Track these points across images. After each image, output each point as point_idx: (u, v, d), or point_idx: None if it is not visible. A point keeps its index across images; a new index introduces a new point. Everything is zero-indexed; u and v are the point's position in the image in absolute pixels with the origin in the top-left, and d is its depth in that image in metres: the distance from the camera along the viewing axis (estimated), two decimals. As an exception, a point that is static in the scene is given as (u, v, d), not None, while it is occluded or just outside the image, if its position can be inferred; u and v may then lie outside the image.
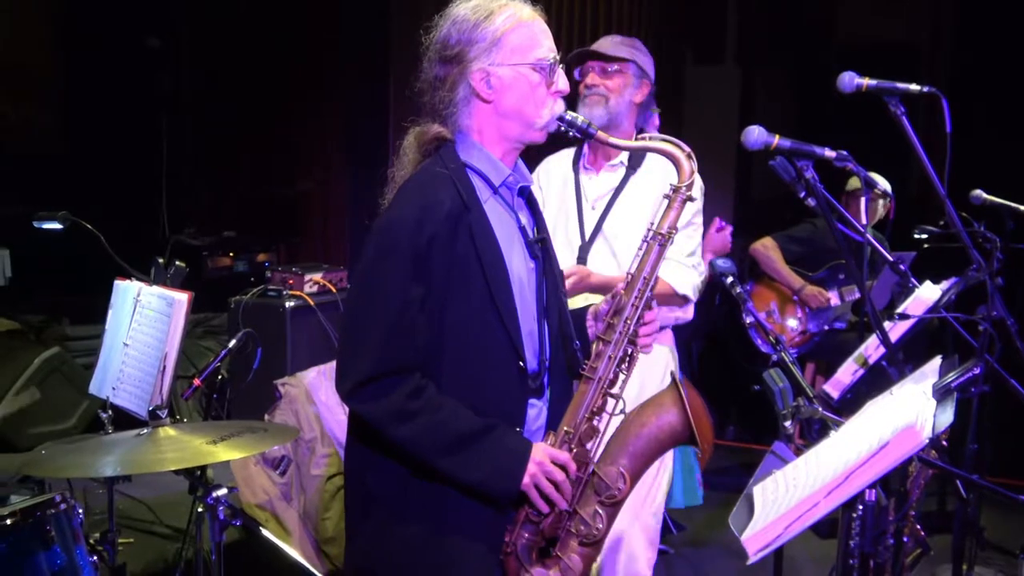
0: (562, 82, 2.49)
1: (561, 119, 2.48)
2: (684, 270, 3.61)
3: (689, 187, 2.51)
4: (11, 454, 5.84)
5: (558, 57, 2.49)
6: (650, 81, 3.70)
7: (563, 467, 2.40)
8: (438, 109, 2.48)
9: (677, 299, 3.64)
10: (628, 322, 2.47)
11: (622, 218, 3.65)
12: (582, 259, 3.66)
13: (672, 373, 2.59)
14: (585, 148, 3.78)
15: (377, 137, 8.18)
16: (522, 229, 2.52)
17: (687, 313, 3.79)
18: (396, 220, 2.36)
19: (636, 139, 2.56)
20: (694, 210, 3.65)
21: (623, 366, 2.49)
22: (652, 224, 2.53)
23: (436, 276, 2.33)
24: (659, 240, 2.51)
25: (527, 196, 2.60)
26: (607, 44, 3.67)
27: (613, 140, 2.56)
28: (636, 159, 3.68)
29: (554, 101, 2.47)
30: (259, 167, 8.72)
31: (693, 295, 3.67)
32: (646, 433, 2.46)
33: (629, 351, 2.49)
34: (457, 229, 2.36)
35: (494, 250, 2.40)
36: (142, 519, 5.08)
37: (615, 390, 2.49)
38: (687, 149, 2.52)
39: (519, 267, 2.47)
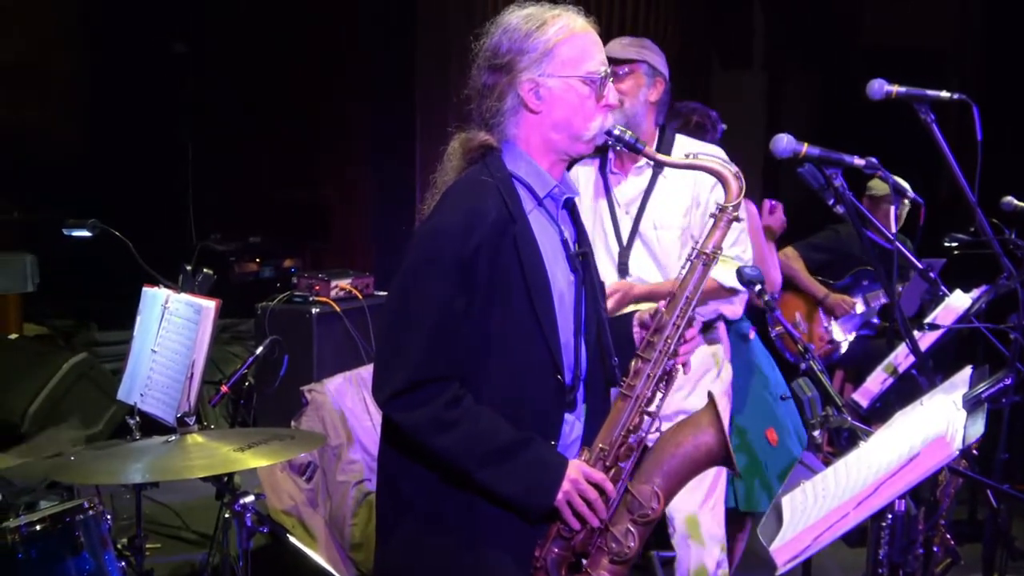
0: (612, 95, 2.46)
1: (609, 133, 2.45)
2: (728, 263, 3.48)
3: (736, 207, 2.47)
4: (39, 459, 5.88)
5: (609, 70, 2.46)
6: (664, 79, 3.66)
7: (598, 486, 2.37)
8: (485, 117, 2.45)
9: (725, 292, 3.59)
10: (668, 341, 2.44)
11: (656, 219, 3.64)
12: (623, 264, 3.65)
13: (709, 392, 2.56)
14: (610, 153, 3.76)
15: (403, 142, 8.19)
16: (564, 242, 2.50)
17: (736, 306, 3.77)
18: (441, 227, 2.35)
19: (685, 157, 2.53)
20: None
21: (661, 384, 2.46)
22: (697, 243, 2.51)
23: (479, 286, 2.32)
24: (703, 259, 2.47)
25: (570, 208, 2.58)
26: (616, 47, 3.64)
27: (660, 156, 2.55)
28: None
29: (603, 115, 2.44)
30: (285, 172, 8.74)
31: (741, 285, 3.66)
32: (682, 453, 2.43)
33: (668, 368, 2.46)
34: (502, 239, 2.34)
35: (538, 263, 2.39)
36: (169, 524, 5.11)
37: (652, 408, 2.46)
38: (735, 169, 2.49)
39: (561, 280, 2.44)
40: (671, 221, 3.65)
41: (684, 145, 3.63)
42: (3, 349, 6.65)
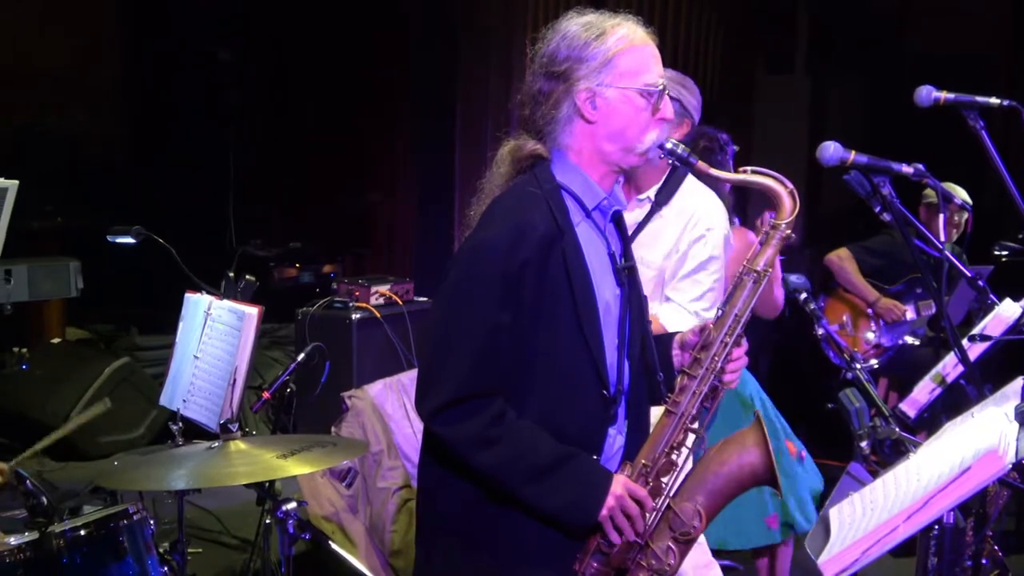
0: (668, 109, 2.42)
1: (661, 147, 2.41)
2: (684, 316, 3.41)
3: (789, 225, 2.42)
4: (82, 463, 5.93)
5: (666, 84, 2.42)
6: (692, 122, 3.54)
7: (640, 502, 2.34)
8: (538, 124, 2.41)
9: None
10: (716, 358, 2.40)
11: (639, 255, 3.48)
12: None
13: (756, 412, 2.53)
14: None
15: (444, 149, 8.21)
16: (611, 255, 2.46)
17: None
18: (488, 241, 2.31)
19: (738, 172, 2.48)
20: (707, 255, 3.45)
21: (707, 401, 2.42)
22: (747, 260, 2.47)
23: (525, 301, 2.28)
24: (753, 277, 2.42)
25: (617, 221, 2.55)
26: None
27: (714, 171, 2.49)
28: (665, 195, 3.54)
29: (658, 128, 2.40)
30: (326, 178, 8.78)
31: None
32: (726, 472, 2.40)
33: (714, 385, 2.43)
34: (550, 254, 2.31)
35: (585, 278, 2.35)
36: (210, 529, 5.13)
37: (697, 425, 2.42)
38: (790, 186, 2.45)
39: (607, 294, 2.41)
40: (651, 260, 3.49)
41: (690, 187, 3.54)
42: (46, 353, 6.72)
